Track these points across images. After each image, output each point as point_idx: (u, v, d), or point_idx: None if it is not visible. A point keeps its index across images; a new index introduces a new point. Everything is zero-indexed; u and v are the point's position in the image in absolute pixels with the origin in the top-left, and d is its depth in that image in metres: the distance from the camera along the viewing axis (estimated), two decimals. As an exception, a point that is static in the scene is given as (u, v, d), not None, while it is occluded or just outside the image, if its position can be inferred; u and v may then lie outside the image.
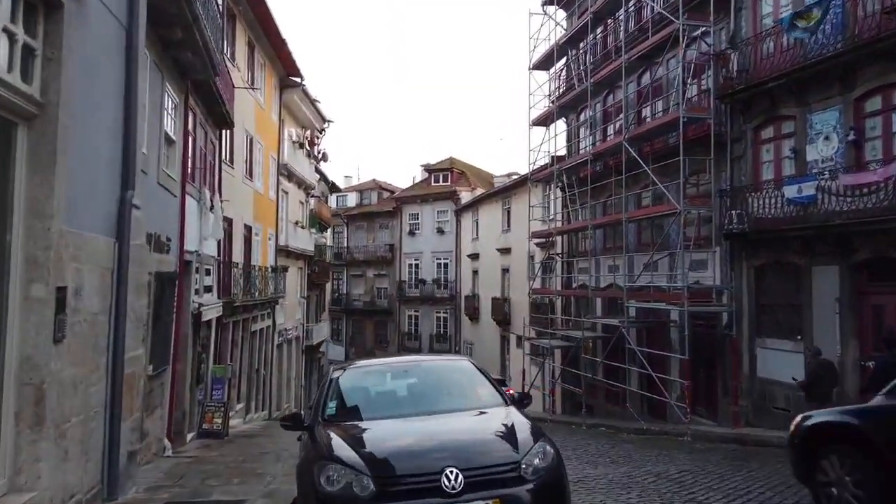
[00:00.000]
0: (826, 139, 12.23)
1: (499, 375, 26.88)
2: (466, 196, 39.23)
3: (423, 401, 5.39)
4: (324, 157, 34.28)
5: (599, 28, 20.30)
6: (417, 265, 41.79)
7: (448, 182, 41.97)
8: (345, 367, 6.13)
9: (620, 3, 18.40)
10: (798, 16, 11.82)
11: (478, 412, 5.24)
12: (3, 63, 4.28)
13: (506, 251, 29.76)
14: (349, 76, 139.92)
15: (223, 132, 16.53)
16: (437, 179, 42.95)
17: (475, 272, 35.91)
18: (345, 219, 46.49)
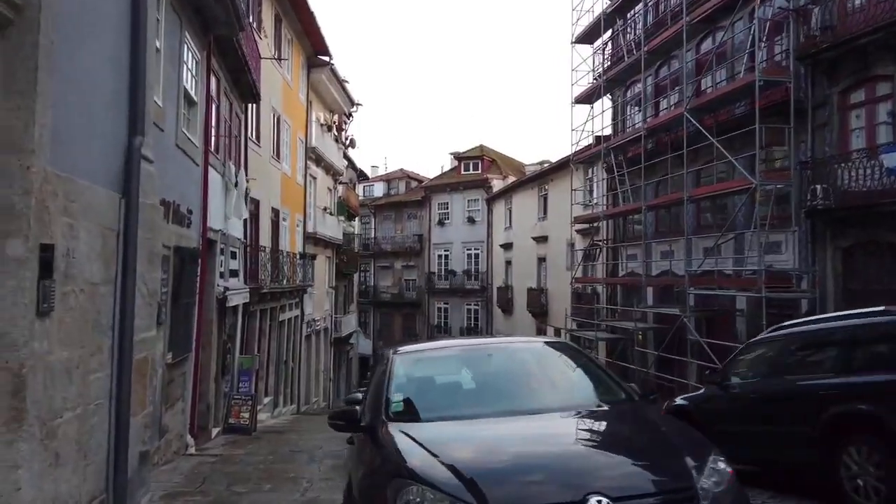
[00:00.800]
0: (931, 100, 10.71)
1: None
2: (498, 184, 37.92)
3: (521, 394, 3.97)
4: (351, 144, 33.31)
5: (652, -7, 18.76)
6: (447, 256, 40.60)
7: (479, 170, 40.69)
8: (407, 351, 4.72)
9: (677, -36, 16.87)
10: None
11: (600, 410, 3.90)
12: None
13: (542, 239, 28.42)
14: (370, 62, 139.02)
15: (249, 106, 15.52)
16: (468, 168, 41.67)
17: (508, 262, 34.62)
18: (372, 209, 45.49)
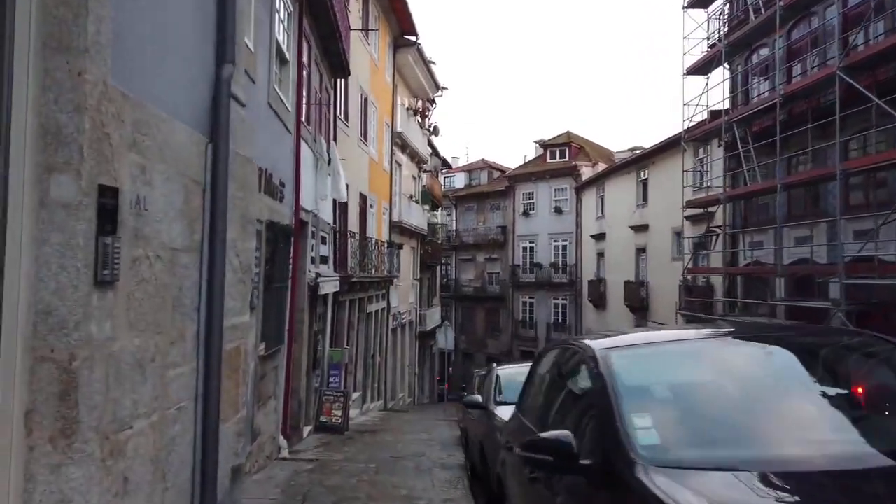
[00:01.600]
0: None
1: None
2: (587, 172, 35.86)
3: (860, 425, 2.47)
4: (435, 131, 32.28)
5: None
6: (532, 248, 38.88)
7: (566, 157, 38.71)
8: (620, 345, 3.20)
9: None
10: None
11: None
12: None
13: (641, 228, 26.32)
14: (450, 46, 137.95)
15: (338, 82, 14.55)
16: (553, 155, 39.76)
17: (600, 254, 32.58)
18: (453, 200, 44.33)
